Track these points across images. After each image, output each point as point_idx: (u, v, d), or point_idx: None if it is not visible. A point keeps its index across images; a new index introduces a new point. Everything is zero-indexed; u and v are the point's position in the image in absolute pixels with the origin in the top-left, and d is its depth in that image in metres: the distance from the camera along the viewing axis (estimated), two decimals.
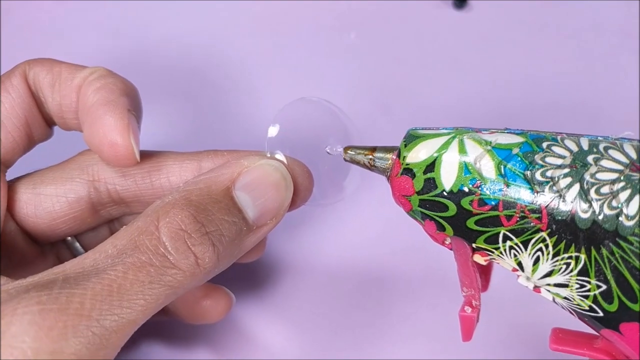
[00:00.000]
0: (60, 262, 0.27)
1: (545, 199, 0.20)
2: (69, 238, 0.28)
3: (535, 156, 0.20)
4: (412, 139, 0.22)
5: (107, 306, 0.20)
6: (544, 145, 0.21)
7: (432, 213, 0.22)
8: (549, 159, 0.20)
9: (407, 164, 0.22)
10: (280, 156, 0.25)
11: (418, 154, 0.22)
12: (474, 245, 0.21)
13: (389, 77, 0.39)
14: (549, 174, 0.20)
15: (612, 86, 0.39)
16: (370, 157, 0.23)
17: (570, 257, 0.20)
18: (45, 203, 0.26)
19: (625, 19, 0.41)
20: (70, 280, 0.21)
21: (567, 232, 0.20)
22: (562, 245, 0.20)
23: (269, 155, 0.25)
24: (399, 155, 0.22)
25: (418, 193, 0.22)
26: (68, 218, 0.27)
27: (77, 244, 0.29)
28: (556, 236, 0.20)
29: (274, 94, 0.38)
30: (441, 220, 0.22)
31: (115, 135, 0.25)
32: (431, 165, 0.21)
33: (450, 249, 0.22)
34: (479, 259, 0.22)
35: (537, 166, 0.20)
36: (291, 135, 0.26)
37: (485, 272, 0.25)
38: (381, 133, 0.36)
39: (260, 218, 0.24)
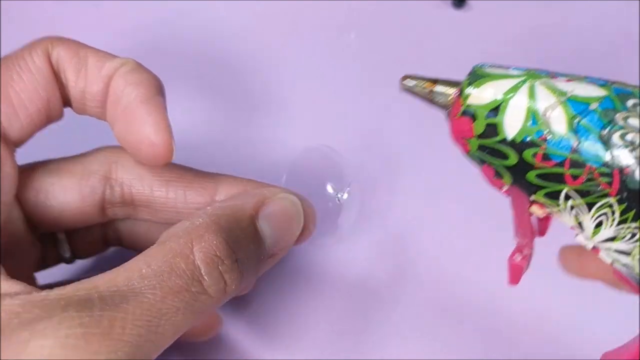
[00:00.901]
0: (43, 255, 0.28)
1: (619, 164, 0.18)
2: (60, 234, 0.28)
3: (616, 115, 0.19)
4: (476, 77, 0.20)
5: (145, 332, 0.20)
6: (629, 103, 0.19)
7: (491, 159, 0.20)
8: (631, 121, 0.19)
9: (468, 105, 0.20)
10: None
11: (482, 95, 0.20)
12: (532, 197, 0.20)
13: (388, 76, 0.38)
14: (629, 137, 0.18)
15: None
16: (430, 90, 0.21)
17: (637, 228, 0.18)
18: (59, 194, 0.26)
19: (625, 19, 0.41)
20: (107, 300, 0.20)
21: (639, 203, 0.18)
22: (630, 215, 0.18)
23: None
24: (460, 93, 0.20)
25: (478, 137, 0.20)
26: (78, 212, 0.26)
27: (65, 242, 0.28)
28: (625, 204, 0.18)
29: (274, 94, 0.38)
30: (500, 168, 0.20)
31: (156, 136, 0.24)
32: (495, 110, 0.20)
33: (508, 196, 0.21)
34: (536, 210, 0.20)
35: (616, 127, 0.18)
36: (296, 178, 0.29)
37: (544, 218, 0.23)
38: (378, 130, 0.36)
39: (273, 248, 0.25)
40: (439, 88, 0.21)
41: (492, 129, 0.20)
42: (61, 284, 0.21)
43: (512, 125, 0.19)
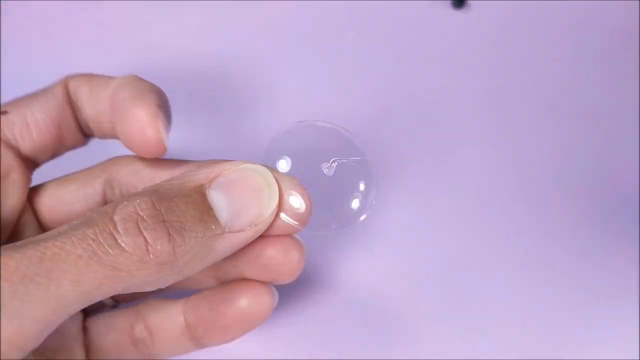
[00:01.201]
0: None
1: None
2: None
3: None
4: None
5: (32, 272, 0.19)
6: None
7: None
8: None
9: None
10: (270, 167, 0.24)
11: None
12: None
13: (386, 76, 0.39)
14: None
15: (612, 86, 0.39)
16: None
17: None
18: (66, 197, 0.27)
19: (625, 19, 0.42)
20: (9, 247, 0.20)
21: None
22: None
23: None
24: None
25: None
26: (83, 214, 0.27)
27: None
28: None
29: (273, 94, 0.38)
30: None
31: (144, 124, 0.25)
32: None
33: None
34: None
35: None
36: (295, 159, 0.26)
37: None
38: (379, 132, 0.37)
39: (236, 222, 0.22)
40: None
41: None
42: None
43: None
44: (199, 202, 0.22)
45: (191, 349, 0.28)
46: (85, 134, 0.28)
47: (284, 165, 0.26)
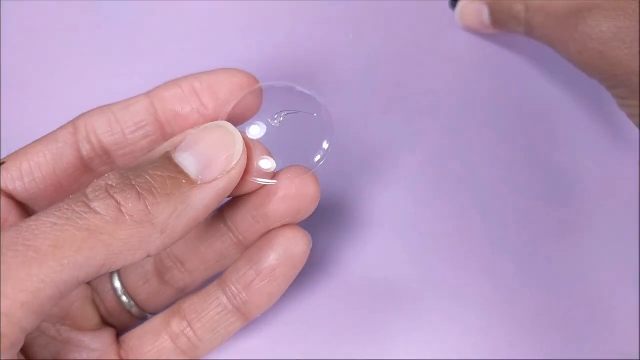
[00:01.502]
0: None
1: None
2: None
3: None
4: None
5: (10, 243, 0.20)
6: None
7: None
8: None
9: None
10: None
11: None
12: None
13: (385, 77, 0.39)
14: None
15: None
16: None
17: None
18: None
19: None
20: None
21: None
22: None
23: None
24: None
25: None
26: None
27: None
28: None
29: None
30: None
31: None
32: None
33: None
34: None
35: None
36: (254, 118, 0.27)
37: None
38: (379, 133, 0.37)
39: (207, 172, 0.23)
40: None
41: None
42: None
43: None
44: (165, 164, 0.23)
45: (237, 325, 0.28)
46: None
47: (254, 131, 0.26)
